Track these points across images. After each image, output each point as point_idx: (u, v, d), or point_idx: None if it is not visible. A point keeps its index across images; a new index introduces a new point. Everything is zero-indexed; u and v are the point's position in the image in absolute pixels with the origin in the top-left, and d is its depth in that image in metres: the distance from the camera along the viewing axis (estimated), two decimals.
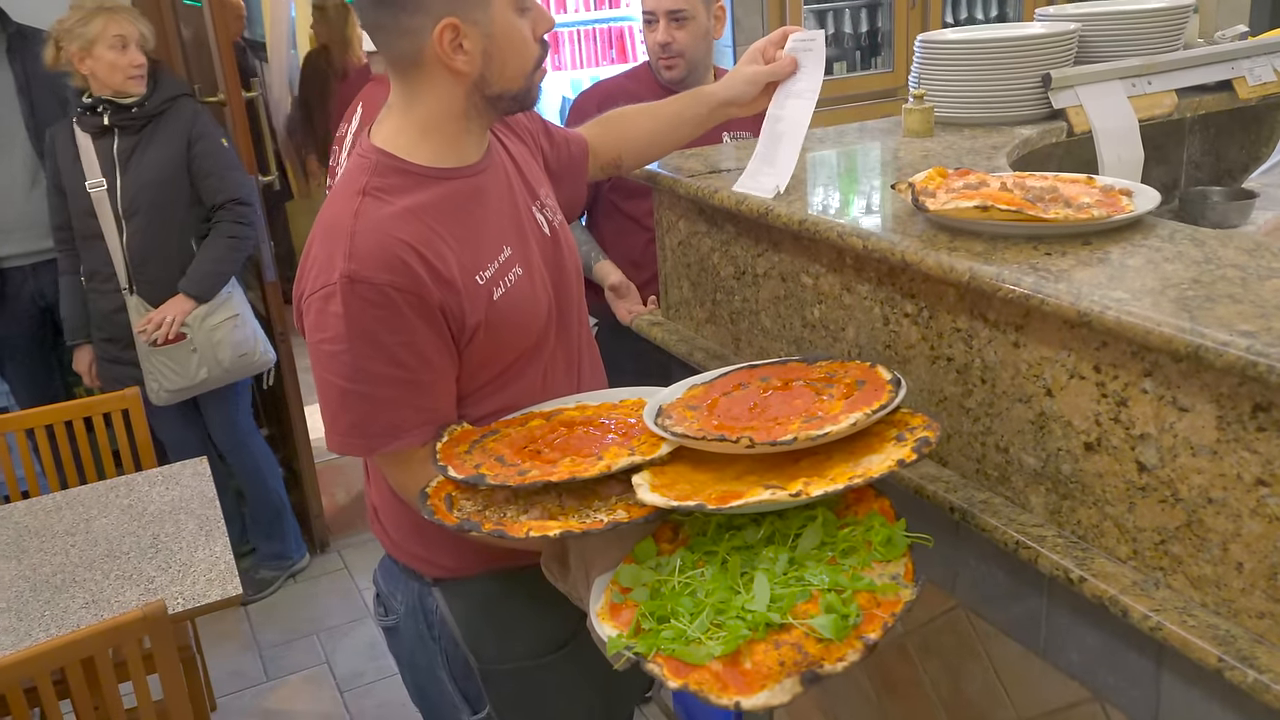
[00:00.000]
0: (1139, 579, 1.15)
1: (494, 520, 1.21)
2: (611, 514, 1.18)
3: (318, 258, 1.28)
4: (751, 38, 3.94)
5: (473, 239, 1.33)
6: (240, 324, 3.01)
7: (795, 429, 1.15)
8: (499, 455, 1.26)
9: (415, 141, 1.33)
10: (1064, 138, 1.99)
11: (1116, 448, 1.14)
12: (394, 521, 1.50)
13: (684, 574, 1.12)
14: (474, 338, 1.32)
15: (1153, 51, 2.12)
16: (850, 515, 1.16)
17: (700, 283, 1.90)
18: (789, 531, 1.14)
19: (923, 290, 1.36)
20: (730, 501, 1.10)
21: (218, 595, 1.96)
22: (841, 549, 1.10)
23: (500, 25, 1.28)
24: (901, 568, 1.08)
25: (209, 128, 2.96)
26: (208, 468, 2.49)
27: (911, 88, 2.04)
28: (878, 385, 1.23)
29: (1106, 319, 1.07)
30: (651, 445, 1.24)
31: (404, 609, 1.53)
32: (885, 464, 1.10)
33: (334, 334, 1.24)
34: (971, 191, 1.34)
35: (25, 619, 1.94)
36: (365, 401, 1.28)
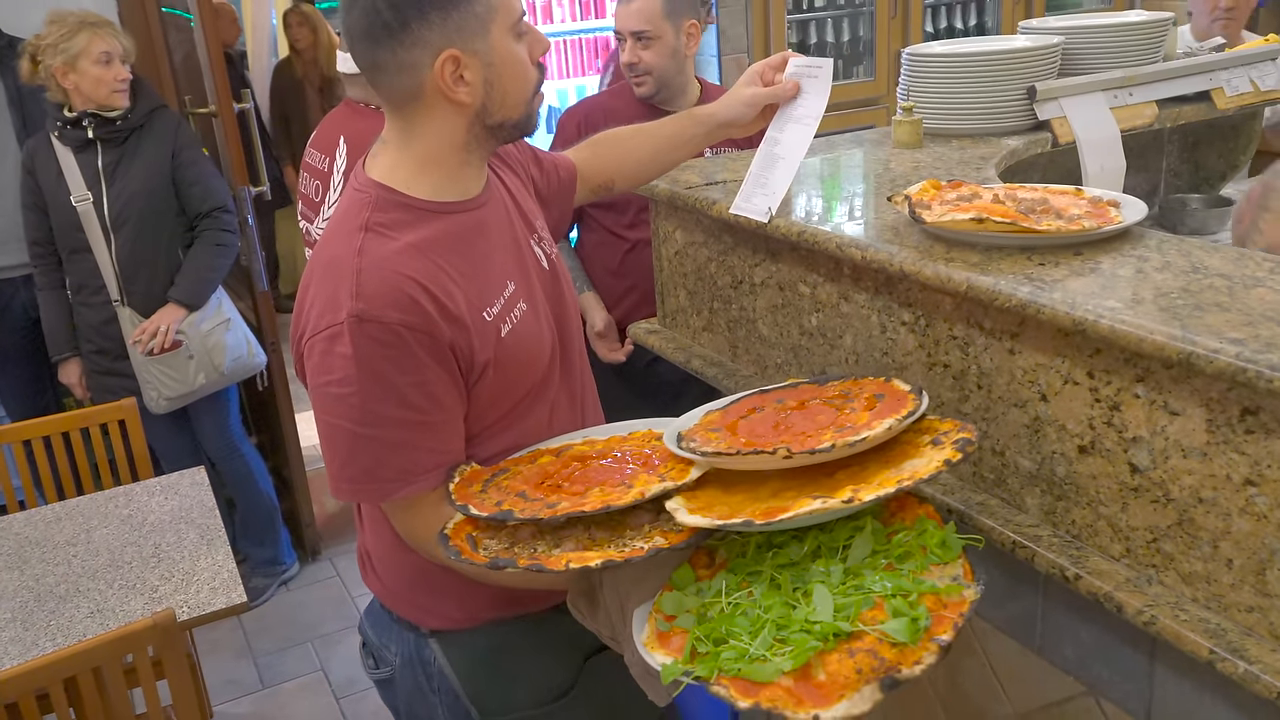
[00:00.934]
0: (1132, 576, 1.19)
1: (526, 556, 1.17)
2: (649, 541, 1.15)
3: (318, 297, 1.24)
4: (737, 47, 4.00)
5: (478, 275, 1.31)
6: (233, 328, 3.05)
7: (829, 438, 1.15)
8: (519, 491, 1.23)
9: (415, 175, 1.30)
10: (1049, 148, 2.04)
11: (1110, 450, 1.19)
12: (393, 570, 1.45)
13: (730, 596, 1.10)
14: (483, 376, 1.29)
15: (1133, 64, 2.18)
16: (897, 522, 1.15)
17: (697, 292, 1.94)
18: (836, 544, 1.13)
19: (920, 299, 1.40)
20: (778, 515, 1.07)
21: (222, 603, 1.98)
22: (897, 554, 1.09)
23: (500, 53, 1.26)
24: (960, 569, 1.08)
25: (190, 138, 3.01)
26: (205, 477, 2.51)
27: (900, 100, 2.09)
28: (898, 396, 1.24)
29: (1100, 327, 1.11)
30: (680, 470, 1.21)
31: (399, 660, 1.49)
32: (931, 465, 1.09)
33: (341, 376, 1.20)
34: (966, 204, 1.39)
35: (31, 629, 1.95)
36: (376, 445, 1.24)
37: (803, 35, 4.35)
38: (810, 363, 1.66)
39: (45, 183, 2.90)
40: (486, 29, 1.24)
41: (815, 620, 1.00)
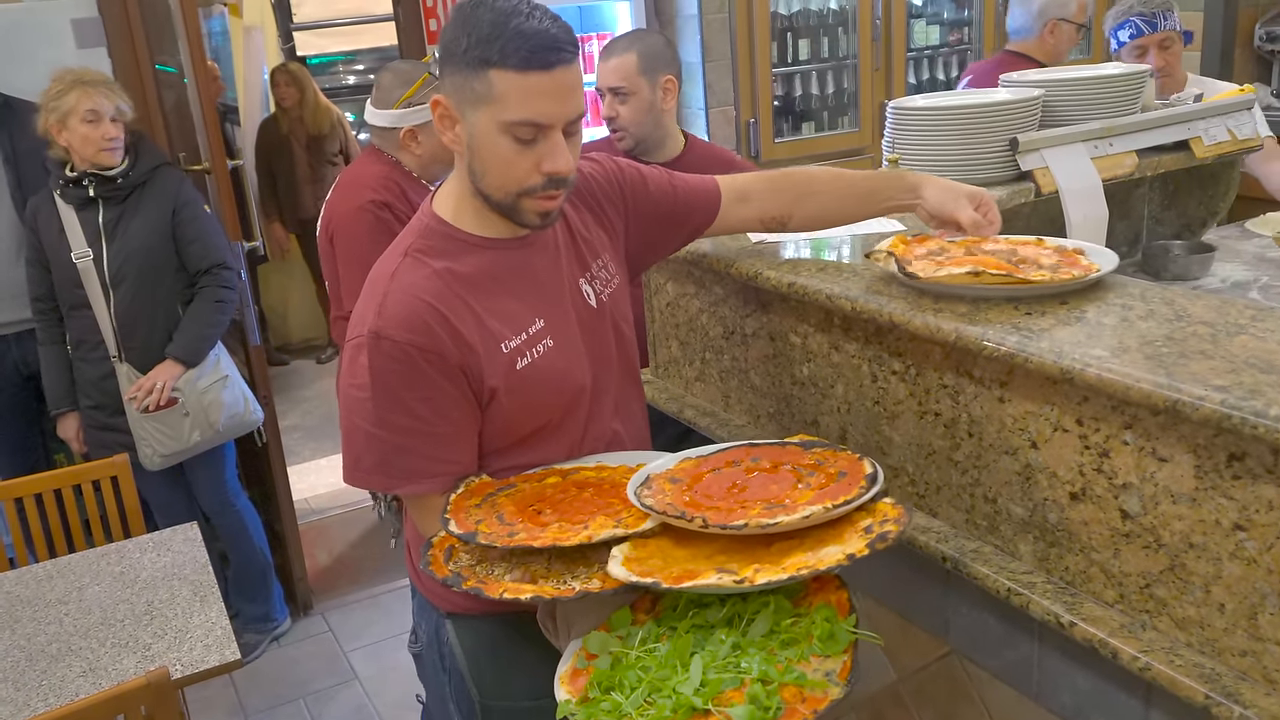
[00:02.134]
0: (1127, 621, 1.20)
1: (478, 577, 1.28)
2: (586, 583, 1.23)
3: (359, 306, 1.39)
4: (723, 100, 4.06)
5: (502, 309, 1.39)
6: (230, 385, 3.05)
7: (754, 514, 1.19)
8: (500, 513, 1.32)
9: (460, 208, 1.41)
10: (1032, 198, 2.08)
11: (1100, 497, 1.21)
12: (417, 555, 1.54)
13: (644, 646, 1.17)
14: (493, 399, 1.38)
15: (1113, 115, 2.23)
16: (805, 605, 1.18)
17: (689, 342, 1.96)
18: (746, 614, 1.18)
19: (910, 349, 1.42)
20: (684, 582, 1.14)
21: (215, 661, 1.96)
22: (783, 639, 1.13)
23: (481, 133, 1.32)
24: (839, 665, 1.10)
25: (191, 195, 3.01)
26: (199, 533, 2.50)
27: (886, 152, 2.13)
28: (856, 477, 1.25)
29: (1088, 375, 1.13)
30: (639, 518, 1.27)
31: (425, 639, 1.62)
32: (836, 556, 1.12)
33: (361, 382, 1.34)
34: (951, 259, 1.42)
35: (23, 689, 1.93)
36: (386, 446, 1.36)
37: (788, 88, 4.42)
38: (802, 412, 1.67)
39: (47, 239, 2.92)
40: (477, 106, 1.30)
41: (679, 691, 1.07)
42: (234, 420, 3.06)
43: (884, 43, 4.40)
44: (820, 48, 4.44)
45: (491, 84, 1.27)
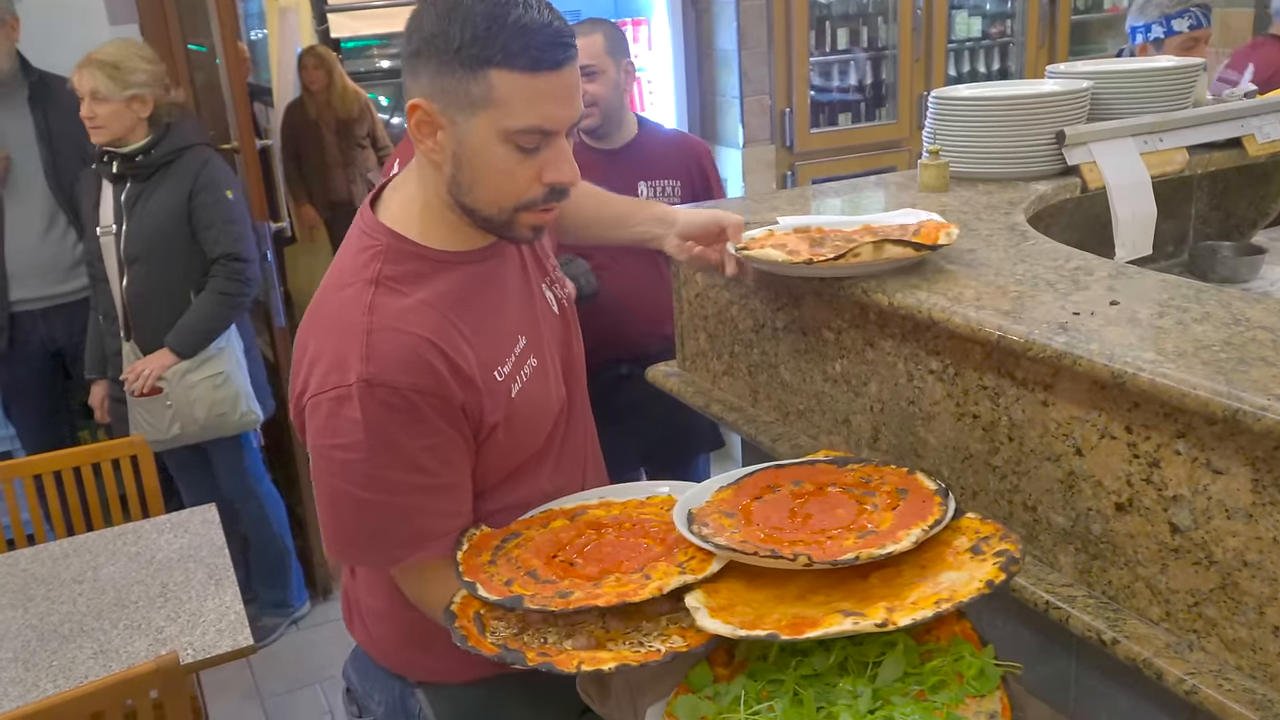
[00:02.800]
0: (1172, 641, 1.14)
1: (535, 649, 1.11)
2: (666, 640, 1.09)
3: (324, 353, 1.17)
4: (759, 89, 3.99)
5: (489, 331, 1.25)
6: (223, 383, 2.96)
7: (851, 545, 1.09)
8: (530, 570, 1.18)
9: (423, 221, 1.24)
10: (1078, 193, 2.01)
11: (1149, 509, 1.14)
12: (385, 626, 1.40)
13: (750, 708, 1.02)
14: (491, 436, 1.24)
15: (1163, 109, 2.15)
16: (931, 640, 1.07)
17: (718, 335, 1.91)
18: (865, 659, 1.05)
19: (948, 348, 1.36)
20: (806, 631, 1.00)
21: (228, 646, 1.94)
22: (931, 683, 1.01)
23: (476, 141, 1.16)
24: (997, 703, 1.00)
25: (213, 178, 2.92)
26: (216, 515, 2.47)
27: (926, 143, 2.06)
28: (923, 495, 1.19)
29: (1140, 380, 1.07)
30: (701, 560, 1.14)
31: (382, 710, 1.44)
32: (973, 587, 1.02)
33: (349, 441, 1.15)
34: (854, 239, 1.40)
35: (33, 669, 1.91)
36: (385, 511, 1.19)
37: (825, 78, 4.35)
38: (834, 409, 1.61)
39: (85, 210, 2.94)
40: (472, 111, 1.14)
41: None
42: (220, 420, 2.98)
43: (924, 33, 4.31)
44: (859, 37, 4.36)
45: (492, 86, 1.12)
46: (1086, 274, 1.40)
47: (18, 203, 3.04)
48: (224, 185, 2.93)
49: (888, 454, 1.50)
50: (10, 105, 3.03)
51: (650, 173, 2.71)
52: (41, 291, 3.08)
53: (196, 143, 2.95)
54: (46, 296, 3.08)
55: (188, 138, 2.93)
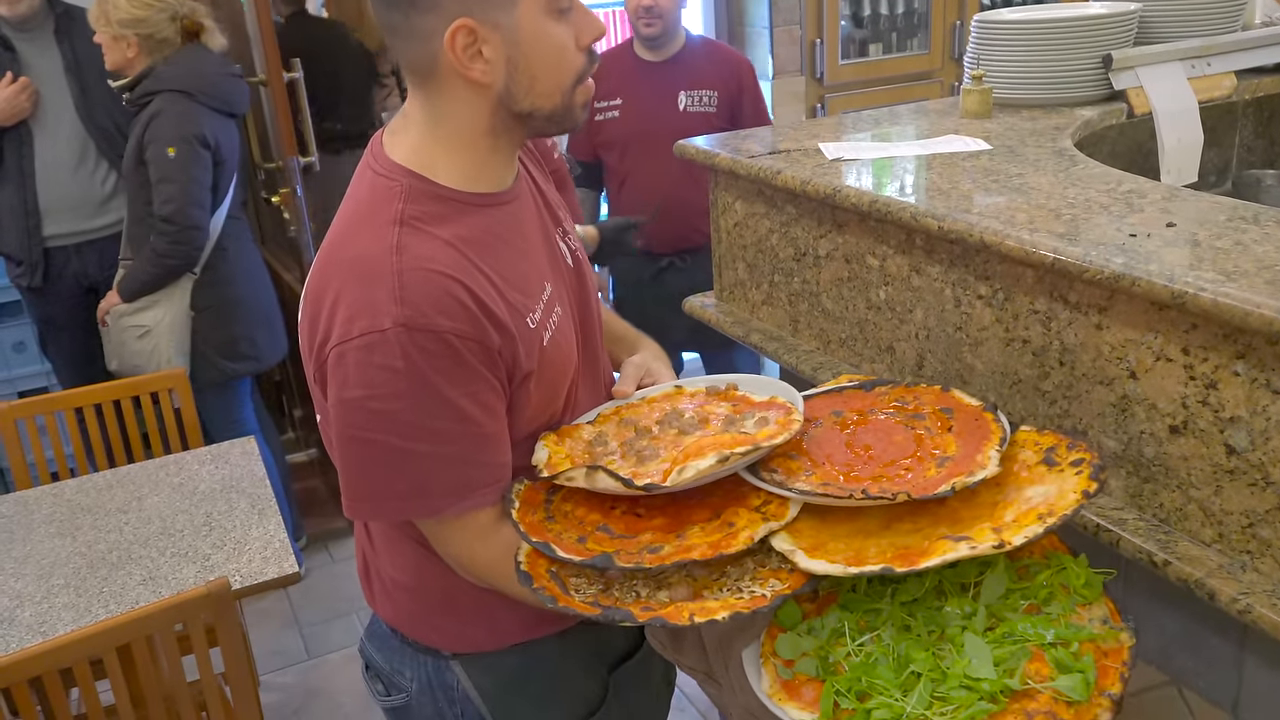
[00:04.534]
0: (1225, 562, 1.14)
1: (638, 605, 1.07)
2: (765, 584, 1.06)
3: (345, 298, 1.10)
4: (789, 19, 3.93)
5: (518, 276, 1.19)
6: (142, 335, 2.97)
7: (935, 475, 1.08)
8: (600, 525, 1.14)
9: (442, 160, 1.17)
10: (1123, 119, 1.97)
11: (1204, 431, 1.14)
12: (414, 595, 1.33)
13: (856, 640, 1.01)
14: (523, 385, 1.18)
15: (1211, 33, 2.10)
16: (1025, 556, 1.06)
17: (757, 264, 1.90)
18: (963, 580, 1.04)
19: (999, 272, 1.35)
20: (920, 562, 0.98)
21: (274, 573, 1.97)
22: (1042, 596, 1.01)
23: (528, 31, 1.11)
24: (1104, 609, 1.00)
25: (160, 133, 2.83)
26: (255, 447, 2.51)
27: (969, 68, 2.02)
28: (971, 413, 1.18)
29: (1202, 300, 1.06)
30: (779, 504, 1.11)
31: (416, 686, 1.37)
32: (1070, 499, 1.01)
33: (388, 390, 1.08)
34: (689, 447, 1.17)
35: (84, 595, 1.96)
36: (428, 460, 1.12)
37: (855, 7, 4.26)
38: (877, 338, 1.61)
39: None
40: (513, 4, 1.10)
41: (977, 676, 0.92)
42: (135, 370, 2.98)
43: None
44: None
45: None
46: (1140, 197, 1.38)
47: (48, 137, 3.04)
48: (168, 141, 2.82)
49: (933, 380, 1.49)
50: (37, 39, 3.01)
51: (691, 83, 2.88)
52: (75, 226, 3.09)
53: (166, 89, 2.85)
54: (80, 231, 3.09)
55: (161, 82, 2.86)
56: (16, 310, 3.57)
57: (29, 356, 3.67)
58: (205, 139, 2.86)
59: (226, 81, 2.96)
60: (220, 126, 2.92)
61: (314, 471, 4.04)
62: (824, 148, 1.77)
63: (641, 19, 2.80)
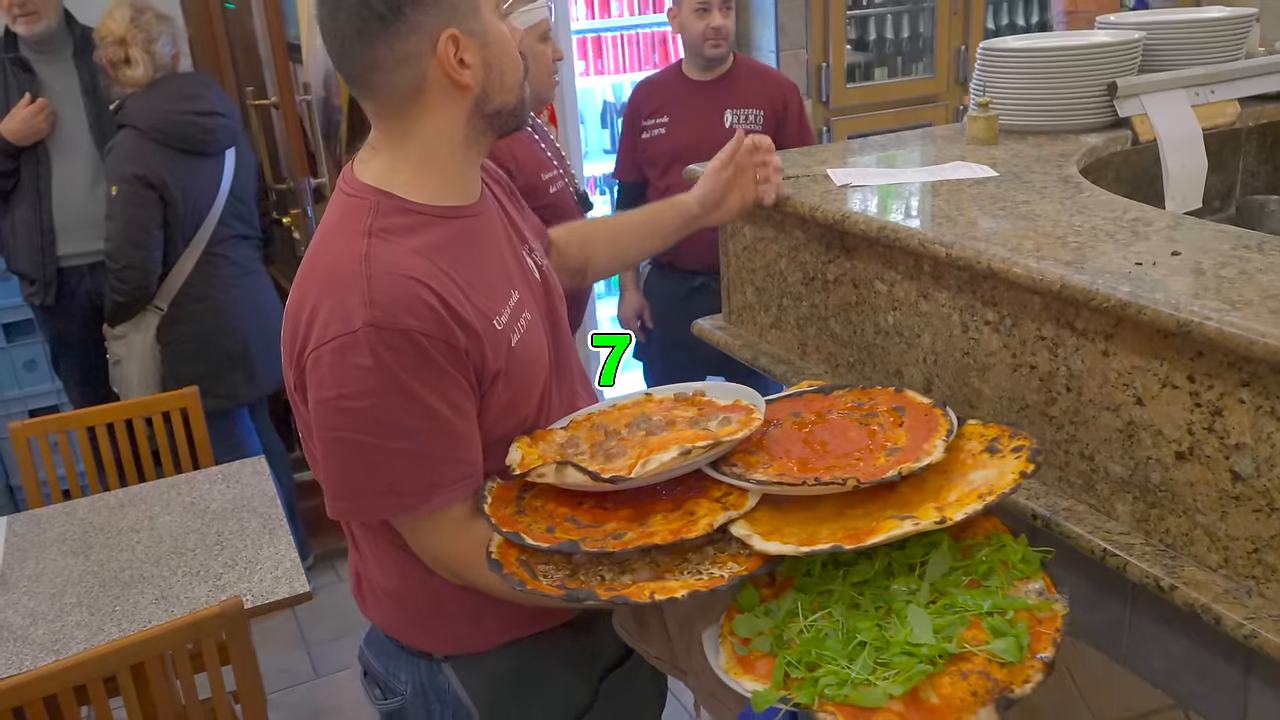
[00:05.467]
0: (1231, 587, 1.15)
1: (601, 585, 1.12)
2: (724, 567, 1.12)
3: (321, 307, 1.16)
4: (795, 43, 3.96)
5: (484, 283, 1.26)
6: (115, 364, 3.09)
7: (884, 463, 1.15)
8: (569, 516, 1.20)
9: (413, 179, 1.25)
10: (1128, 145, 2.00)
11: (1209, 457, 1.15)
12: (400, 599, 1.37)
13: (807, 617, 1.07)
14: (493, 386, 1.24)
15: (1215, 61, 2.13)
16: (969, 537, 1.13)
17: (766, 288, 1.92)
18: (910, 560, 1.10)
19: (1005, 298, 1.37)
20: (867, 539, 1.04)
21: (285, 592, 1.99)
22: (981, 571, 1.08)
23: (494, 32, 1.24)
24: (1041, 582, 1.07)
25: (110, 169, 2.91)
26: (266, 466, 2.52)
27: (975, 95, 2.05)
28: (921, 409, 1.26)
29: (1207, 329, 1.07)
30: (738, 495, 1.18)
31: (410, 690, 1.41)
32: (1008, 479, 1.09)
33: (359, 388, 1.14)
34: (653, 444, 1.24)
35: (97, 614, 1.97)
36: (399, 458, 1.17)
37: (861, 31, 4.30)
38: (885, 362, 1.62)
39: None
40: (477, 7, 1.22)
41: (917, 642, 0.98)
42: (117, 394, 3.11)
43: None
44: None
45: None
46: (1145, 225, 1.40)
47: (64, 158, 3.08)
48: (113, 178, 2.88)
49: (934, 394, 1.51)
50: (56, 60, 3.06)
51: (738, 102, 2.98)
52: (88, 246, 3.12)
53: (125, 123, 2.91)
54: (93, 251, 3.11)
55: (123, 115, 2.92)
56: (29, 329, 3.60)
57: (40, 375, 3.69)
58: (148, 179, 2.86)
59: (187, 121, 2.93)
60: (178, 166, 2.92)
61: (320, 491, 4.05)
62: (832, 174, 1.79)
63: (710, 40, 2.92)
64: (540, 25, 2.16)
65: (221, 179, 3.03)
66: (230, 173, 3.06)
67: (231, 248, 3.10)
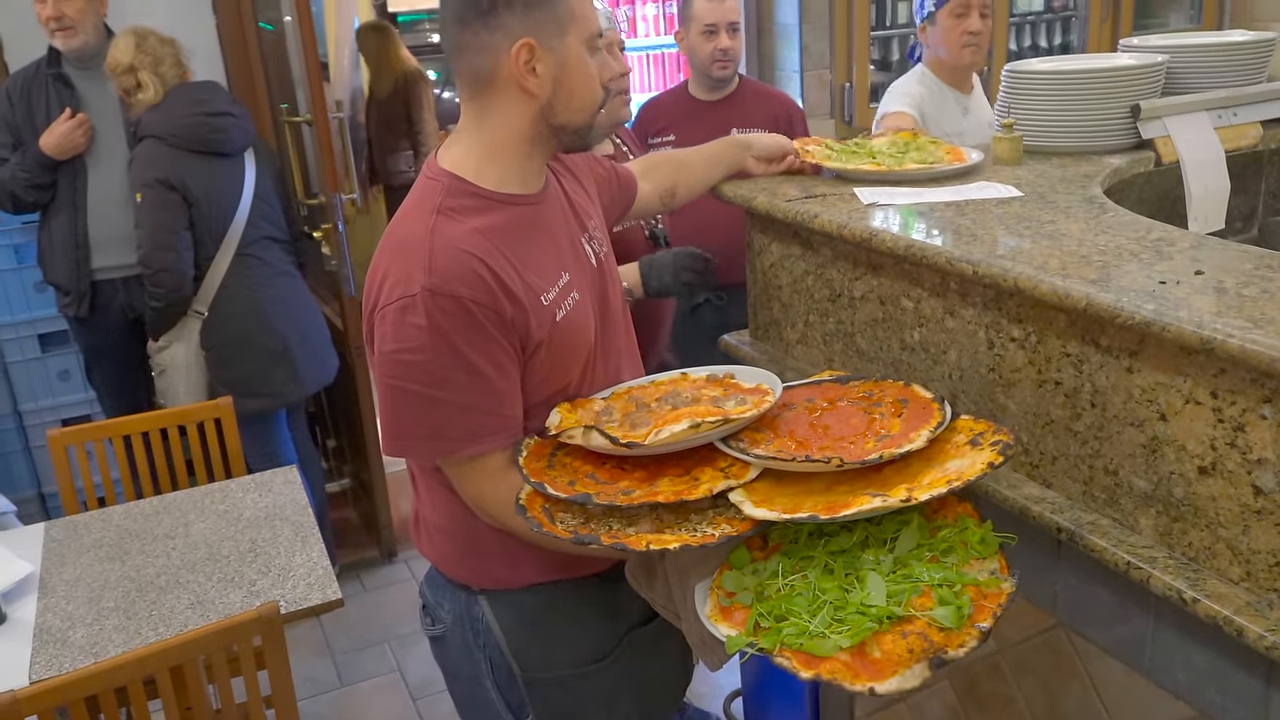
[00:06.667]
0: (1253, 600, 1.18)
1: (606, 533, 1.28)
2: (717, 527, 1.28)
3: (391, 271, 1.35)
4: (819, 63, 4.01)
5: (535, 263, 1.42)
6: (159, 374, 3.14)
7: (872, 447, 1.29)
8: (589, 473, 1.36)
9: (482, 165, 1.42)
10: (1152, 167, 2.02)
11: (1232, 472, 1.18)
12: (446, 535, 1.55)
13: (786, 578, 1.21)
14: (536, 353, 1.40)
15: (1237, 84, 2.15)
16: (939, 519, 1.27)
17: (792, 304, 1.95)
18: (883, 536, 1.25)
19: (1031, 315, 1.39)
20: (840, 511, 1.19)
21: (318, 599, 2.03)
22: (941, 549, 1.21)
23: (573, 58, 1.39)
24: (996, 564, 1.20)
25: (134, 178, 2.99)
26: (298, 475, 2.57)
27: (999, 116, 2.08)
28: (922, 404, 1.39)
29: (1229, 346, 1.10)
30: (741, 467, 1.33)
31: (451, 618, 1.59)
32: (976, 468, 1.22)
33: (414, 344, 1.32)
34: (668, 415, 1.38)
35: (134, 618, 2.01)
36: (446, 407, 1.35)
37: (884, 52, 4.34)
38: (911, 377, 1.65)
39: None
40: (564, 31, 1.37)
41: (870, 604, 1.12)
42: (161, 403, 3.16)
43: None
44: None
45: (570, 5, 1.37)
46: (1169, 244, 1.43)
47: (101, 172, 3.15)
48: (136, 186, 2.98)
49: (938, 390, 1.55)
50: (94, 76, 3.13)
51: (742, 121, 3.03)
52: (122, 260, 3.18)
53: (144, 134, 2.99)
54: (127, 265, 3.18)
55: (141, 128, 3.00)
56: (63, 340, 3.67)
57: (73, 385, 3.76)
58: (169, 181, 2.93)
59: (201, 121, 3.01)
60: (197, 167, 2.99)
61: (346, 502, 4.10)
62: (859, 193, 1.82)
63: (718, 62, 2.99)
64: None
65: (244, 180, 3.10)
66: (252, 175, 3.12)
67: (264, 249, 3.16)
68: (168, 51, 3.01)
